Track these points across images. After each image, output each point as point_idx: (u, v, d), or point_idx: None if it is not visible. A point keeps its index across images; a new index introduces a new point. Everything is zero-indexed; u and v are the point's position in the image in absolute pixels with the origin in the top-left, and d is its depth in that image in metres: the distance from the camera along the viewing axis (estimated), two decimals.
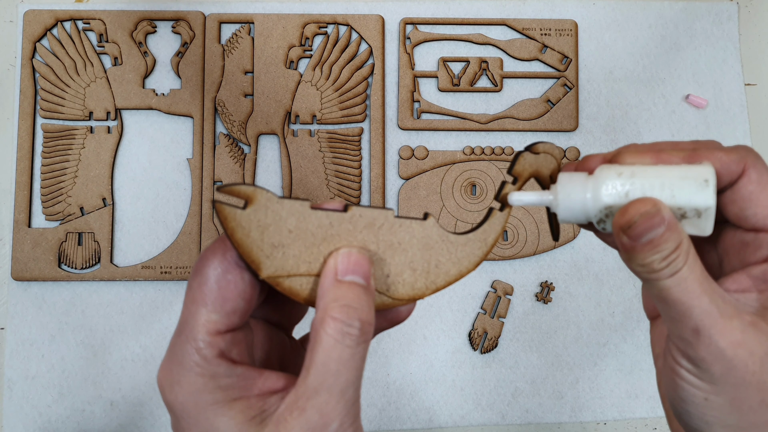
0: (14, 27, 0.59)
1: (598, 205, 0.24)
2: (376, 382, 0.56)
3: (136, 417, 0.55)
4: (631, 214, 0.22)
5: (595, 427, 0.57)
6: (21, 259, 0.55)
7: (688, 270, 0.22)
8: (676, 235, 0.22)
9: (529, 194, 0.25)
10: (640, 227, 0.22)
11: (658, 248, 0.22)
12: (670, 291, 0.22)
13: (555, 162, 0.27)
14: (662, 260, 0.22)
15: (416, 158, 0.58)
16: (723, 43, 0.61)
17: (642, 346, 0.57)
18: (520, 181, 0.26)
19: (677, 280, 0.22)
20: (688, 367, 0.23)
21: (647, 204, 0.22)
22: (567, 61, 0.60)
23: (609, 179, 0.23)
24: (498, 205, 0.26)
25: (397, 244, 0.24)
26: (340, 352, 0.22)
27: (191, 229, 0.56)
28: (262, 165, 0.58)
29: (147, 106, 0.57)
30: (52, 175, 0.56)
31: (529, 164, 0.26)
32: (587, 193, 0.24)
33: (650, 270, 0.22)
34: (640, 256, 0.22)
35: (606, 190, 0.23)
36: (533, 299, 0.57)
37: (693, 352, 0.22)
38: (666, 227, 0.22)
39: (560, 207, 0.24)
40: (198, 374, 0.22)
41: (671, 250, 0.22)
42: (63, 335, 0.55)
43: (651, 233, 0.22)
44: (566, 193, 0.24)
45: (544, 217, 0.58)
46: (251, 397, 0.23)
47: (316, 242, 0.23)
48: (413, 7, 0.60)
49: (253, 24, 0.58)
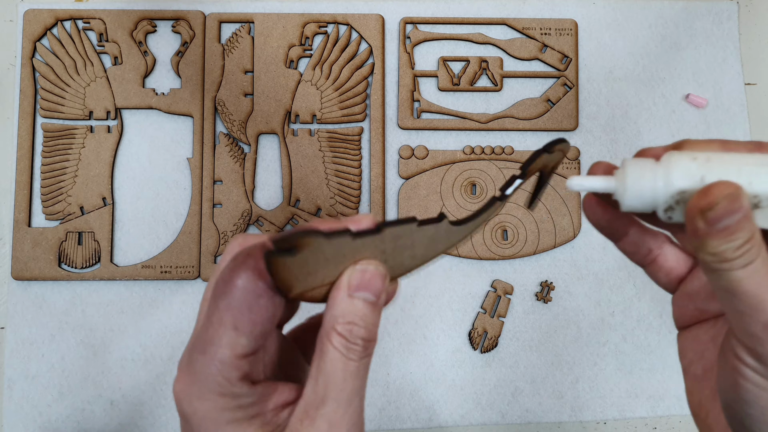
0: (14, 26, 0.59)
1: (670, 190, 0.22)
2: (376, 382, 0.56)
3: (136, 416, 0.55)
4: (715, 194, 0.20)
5: (595, 427, 0.57)
6: (21, 258, 0.55)
7: (761, 261, 0.21)
8: (752, 224, 0.21)
9: (592, 179, 0.24)
10: (722, 210, 0.20)
11: (733, 236, 0.20)
12: (741, 283, 0.21)
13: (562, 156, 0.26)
14: (736, 249, 0.20)
15: (416, 158, 0.58)
16: (723, 43, 0.61)
17: (642, 346, 0.57)
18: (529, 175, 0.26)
19: (751, 272, 0.21)
20: (755, 366, 0.22)
21: (730, 187, 0.20)
22: (567, 60, 0.60)
23: (683, 163, 0.22)
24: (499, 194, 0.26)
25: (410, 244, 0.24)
26: (344, 364, 0.23)
27: (191, 228, 0.56)
28: (262, 164, 0.58)
29: (147, 105, 0.57)
30: (52, 175, 0.56)
31: (542, 161, 0.26)
32: (657, 178, 0.22)
33: (722, 259, 0.21)
34: (714, 243, 0.21)
35: (680, 174, 0.22)
36: (533, 299, 0.57)
37: (762, 348, 0.21)
38: (743, 215, 0.20)
39: (628, 193, 0.23)
40: (219, 394, 0.22)
41: (746, 240, 0.21)
42: (63, 335, 0.55)
43: (729, 218, 0.20)
44: (635, 178, 0.23)
45: (544, 216, 0.58)
46: (267, 413, 0.23)
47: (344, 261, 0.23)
48: (413, 6, 0.60)
49: (253, 23, 0.58)
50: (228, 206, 0.56)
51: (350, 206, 0.57)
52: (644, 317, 0.58)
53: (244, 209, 0.56)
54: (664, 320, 0.58)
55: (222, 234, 0.56)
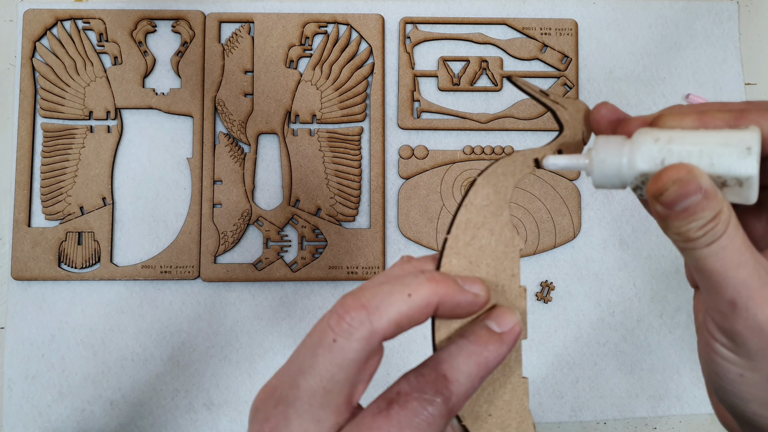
0: (14, 26, 0.59)
1: (633, 172, 0.22)
2: (376, 382, 0.56)
3: (136, 417, 0.55)
4: (664, 180, 0.21)
5: (595, 427, 0.57)
6: (21, 258, 0.55)
7: (727, 239, 0.21)
8: (715, 204, 0.21)
9: (563, 158, 0.25)
10: (673, 195, 0.21)
11: (694, 216, 0.21)
12: (706, 261, 0.21)
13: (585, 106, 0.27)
14: (699, 229, 0.21)
15: (416, 158, 0.58)
16: (723, 43, 0.61)
17: (642, 345, 0.57)
18: None
19: (714, 250, 0.21)
20: (724, 342, 0.22)
21: (681, 170, 0.21)
22: (567, 60, 0.60)
23: (645, 144, 0.22)
24: None
25: None
26: None
27: (191, 228, 0.56)
28: (262, 164, 0.58)
29: (147, 105, 0.57)
30: (52, 175, 0.56)
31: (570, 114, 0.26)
32: (623, 158, 0.23)
33: (686, 239, 0.21)
34: (675, 224, 0.21)
35: (641, 156, 0.22)
36: (533, 299, 0.57)
37: (729, 325, 0.21)
38: (703, 195, 0.20)
39: (595, 172, 0.23)
40: None
41: (708, 219, 0.21)
42: (63, 335, 0.55)
43: (686, 201, 0.20)
44: (601, 158, 0.23)
45: (544, 216, 0.58)
46: None
47: None
48: (413, 6, 0.60)
49: (253, 23, 0.58)
50: (228, 206, 0.56)
51: (350, 206, 0.57)
52: (644, 317, 0.58)
53: (244, 209, 0.56)
54: (664, 320, 0.58)
55: (222, 234, 0.56)
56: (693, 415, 0.57)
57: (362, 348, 0.21)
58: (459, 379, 0.22)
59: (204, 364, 0.56)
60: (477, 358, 0.22)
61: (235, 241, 0.56)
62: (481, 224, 0.25)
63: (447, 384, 0.22)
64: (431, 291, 0.22)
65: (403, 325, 0.22)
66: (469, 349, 0.22)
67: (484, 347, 0.23)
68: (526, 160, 0.25)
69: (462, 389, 0.22)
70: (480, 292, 0.23)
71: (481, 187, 0.25)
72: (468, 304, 0.23)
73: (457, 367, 0.22)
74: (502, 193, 0.25)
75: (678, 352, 0.57)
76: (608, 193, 0.59)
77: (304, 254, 0.56)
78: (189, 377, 0.55)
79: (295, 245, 0.57)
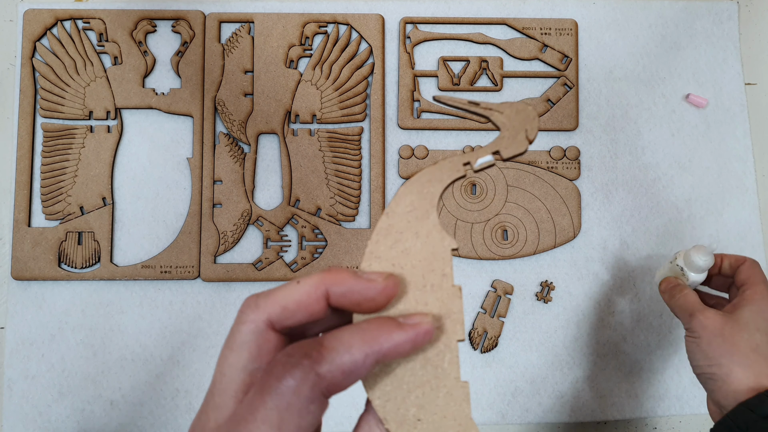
0: (14, 26, 0.59)
1: None
2: None
3: (136, 416, 0.55)
4: (663, 287, 0.51)
5: (595, 427, 0.57)
6: (21, 258, 0.55)
7: (685, 298, 0.48)
8: (681, 288, 0.49)
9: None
10: (666, 293, 0.50)
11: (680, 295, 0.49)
12: (679, 301, 0.48)
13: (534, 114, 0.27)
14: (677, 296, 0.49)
15: (416, 157, 0.58)
16: (723, 43, 0.61)
17: (642, 346, 0.57)
18: None
19: (683, 299, 0.48)
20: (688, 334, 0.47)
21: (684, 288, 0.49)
22: (567, 60, 0.60)
23: None
24: None
25: None
26: None
27: (191, 228, 0.56)
28: (262, 164, 0.58)
29: (147, 105, 0.57)
30: (52, 175, 0.56)
31: None
32: None
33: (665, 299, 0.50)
34: (663, 297, 0.51)
35: None
36: (533, 299, 0.57)
37: (689, 326, 0.46)
38: (683, 289, 0.49)
39: None
40: None
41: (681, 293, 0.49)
42: (63, 335, 0.55)
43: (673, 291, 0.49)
44: None
45: (544, 216, 0.58)
46: None
47: None
48: (413, 6, 0.60)
49: (253, 23, 0.58)
50: (228, 206, 0.56)
51: (350, 206, 0.57)
52: (644, 317, 0.58)
53: (243, 209, 0.56)
54: (664, 320, 0.58)
55: (222, 234, 0.56)
56: (693, 415, 0.57)
57: (250, 330, 0.22)
58: (336, 347, 0.20)
59: (204, 364, 0.56)
60: (363, 334, 0.21)
61: (235, 241, 0.56)
62: (404, 229, 0.25)
63: (320, 349, 0.20)
64: (319, 277, 0.22)
65: (290, 308, 0.21)
66: (360, 327, 0.21)
67: (377, 327, 0.21)
68: (454, 165, 0.26)
69: (337, 358, 0.20)
70: (376, 278, 0.22)
71: (403, 196, 0.25)
72: (362, 288, 0.22)
73: (338, 337, 0.21)
74: (428, 199, 0.26)
75: (678, 352, 0.57)
76: (608, 193, 0.59)
77: (304, 254, 0.56)
78: (189, 377, 0.55)
79: (295, 245, 0.57)
